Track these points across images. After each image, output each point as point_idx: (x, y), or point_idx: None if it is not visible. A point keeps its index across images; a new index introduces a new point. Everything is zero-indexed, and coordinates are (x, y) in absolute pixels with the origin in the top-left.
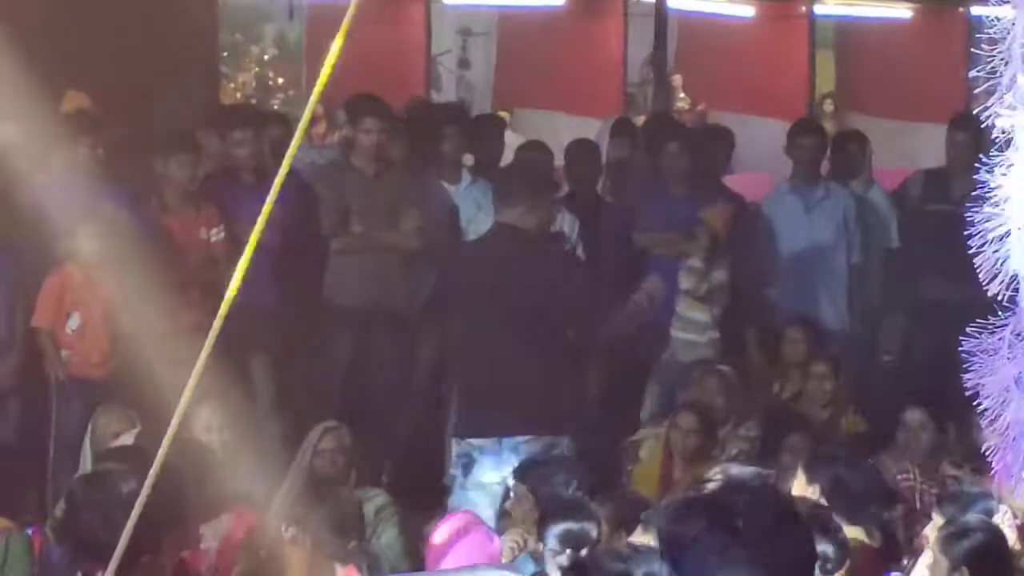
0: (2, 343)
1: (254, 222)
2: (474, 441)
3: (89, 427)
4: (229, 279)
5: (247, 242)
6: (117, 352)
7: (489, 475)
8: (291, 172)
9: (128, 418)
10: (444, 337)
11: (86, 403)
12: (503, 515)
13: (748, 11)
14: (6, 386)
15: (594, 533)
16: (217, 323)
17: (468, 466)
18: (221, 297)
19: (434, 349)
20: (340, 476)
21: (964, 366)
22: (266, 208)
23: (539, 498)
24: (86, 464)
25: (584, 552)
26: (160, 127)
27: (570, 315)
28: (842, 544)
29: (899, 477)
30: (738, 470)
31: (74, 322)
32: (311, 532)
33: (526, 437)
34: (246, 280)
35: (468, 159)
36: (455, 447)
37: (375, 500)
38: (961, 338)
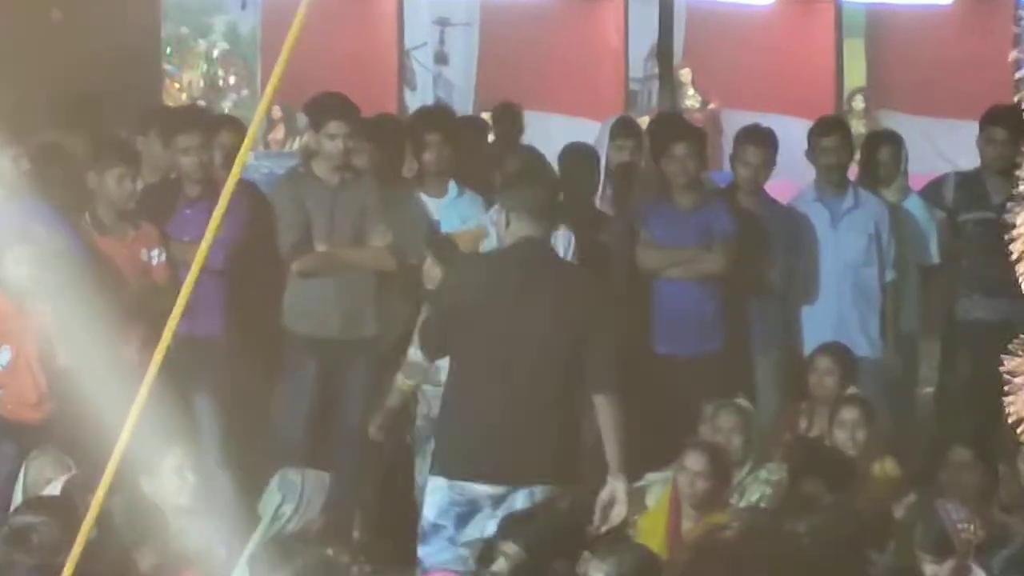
0: None
1: (200, 241)
2: (480, 488)
3: (20, 476)
4: (173, 306)
5: (191, 264)
6: (54, 391)
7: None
8: (244, 183)
9: (63, 464)
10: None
11: (20, 448)
12: None
13: None
14: None
15: None
16: (157, 357)
17: (466, 517)
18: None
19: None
20: (314, 531)
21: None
22: (212, 225)
23: (531, 558)
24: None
25: None
26: (95, 133)
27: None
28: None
29: (959, 525)
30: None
31: (3, 357)
32: None
33: (541, 486)
34: (193, 308)
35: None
36: (448, 493)
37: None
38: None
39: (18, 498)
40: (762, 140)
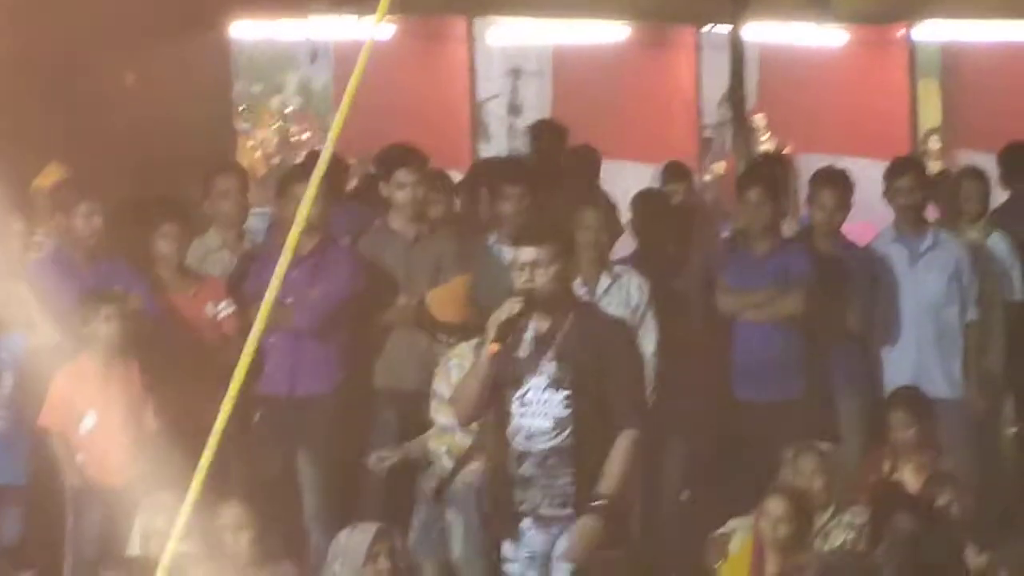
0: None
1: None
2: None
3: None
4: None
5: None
6: (140, 454)
7: None
8: (343, 244)
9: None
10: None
11: (106, 513)
12: None
13: (839, 38)
14: (11, 497)
15: None
16: (223, 415)
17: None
18: (245, 384)
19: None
20: None
21: None
22: (279, 271)
23: None
24: None
25: None
26: (172, 191)
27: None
28: None
29: None
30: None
31: (88, 422)
32: None
33: None
34: (294, 369)
35: None
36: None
37: None
38: None
39: (135, 550)
40: (837, 182)
